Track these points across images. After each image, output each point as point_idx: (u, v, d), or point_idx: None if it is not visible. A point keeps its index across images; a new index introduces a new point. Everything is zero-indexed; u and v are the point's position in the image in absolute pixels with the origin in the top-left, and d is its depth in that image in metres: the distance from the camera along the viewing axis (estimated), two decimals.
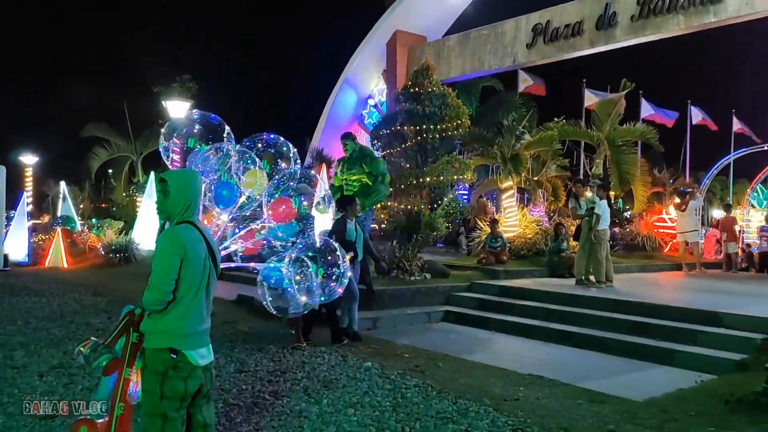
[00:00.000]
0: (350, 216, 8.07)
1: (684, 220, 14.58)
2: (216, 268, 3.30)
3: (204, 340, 3.22)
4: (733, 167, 25.63)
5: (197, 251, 3.14)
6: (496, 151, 15.10)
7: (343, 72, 20.98)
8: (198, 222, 3.28)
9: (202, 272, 3.17)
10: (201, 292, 3.18)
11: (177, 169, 3.77)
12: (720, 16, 13.45)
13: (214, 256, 3.27)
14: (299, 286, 4.26)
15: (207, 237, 3.27)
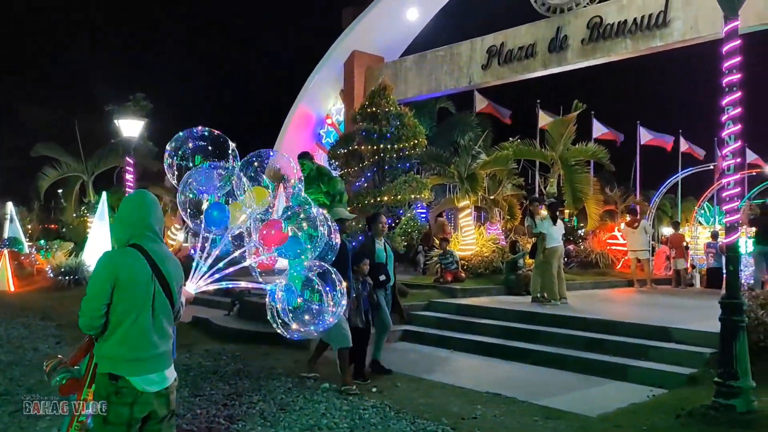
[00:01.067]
0: (378, 235, 7.27)
1: (635, 238, 14.94)
2: (167, 293, 3.21)
3: (154, 365, 3.13)
4: (681, 186, 26.46)
5: (133, 276, 3.08)
6: (453, 170, 15.26)
7: (301, 91, 20.95)
8: (150, 245, 3.21)
9: (141, 297, 3.11)
10: (143, 318, 3.10)
11: (132, 191, 3.69)
12: (666, 40, 13.94)
13: (164, 281, 3.19)
14: (310, 309, 4.17)
15: (157, 261, 3.19)
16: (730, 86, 5.86)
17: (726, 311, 5.66)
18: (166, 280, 3.20)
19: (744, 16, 8.31)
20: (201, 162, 4.40)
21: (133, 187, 14.02)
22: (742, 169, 24.78)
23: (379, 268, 6.93)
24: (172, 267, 3.27)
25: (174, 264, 3.32)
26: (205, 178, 4.25)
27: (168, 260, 3.27)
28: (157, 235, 3.29)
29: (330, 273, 4.23)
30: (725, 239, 5.91)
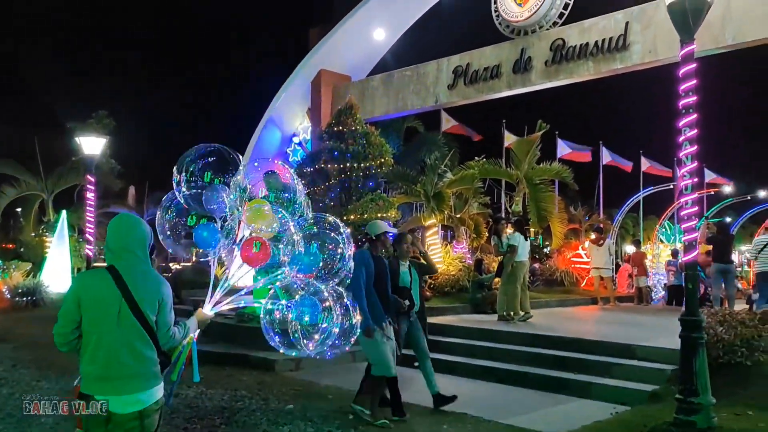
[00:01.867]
0: (402, 256, 6.64)
1: (598, 256, 15.15)
2: (137, 313, 3.16)
3: (123, 386, 3.10)
4: (642, 204, 26.99)
5: (98, 296, 3.13)
6: (420, 189, 15.33)
7: (267, 110, 20.86)
8: (124, 265, 3.21)
9: (105, 317, 3.11)
10: (108, 337, 3.10)
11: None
12: (626, 62, 14.28)
13: (132, 301, 3.15)
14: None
15: (128, 281, 3.17)
16: (686, 108, 6.00)
17: (686, 328, 5.74)
18: (135, 301, 3.17)
19: (700, 40, 8.57)
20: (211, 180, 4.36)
21: (94, 206, 13.75)
22: (700, 189, 25.44)
23: (404, 292, 6.39)
24: (143, 287, 3.22)
25: (150, 286, 3.26)
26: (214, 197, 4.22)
27: (142, 280, 3.23)
28: (136, 255, 3.28)
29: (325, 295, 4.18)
30: (684, 257, 6.01)
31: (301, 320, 4.06)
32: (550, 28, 15.38)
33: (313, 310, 4.09)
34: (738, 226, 30.38)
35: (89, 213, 13.52)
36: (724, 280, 12.00)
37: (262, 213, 4.20)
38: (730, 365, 6.81)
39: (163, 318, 3.28)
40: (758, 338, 6.93)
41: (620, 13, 14.35)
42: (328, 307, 4.10)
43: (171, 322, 3.34)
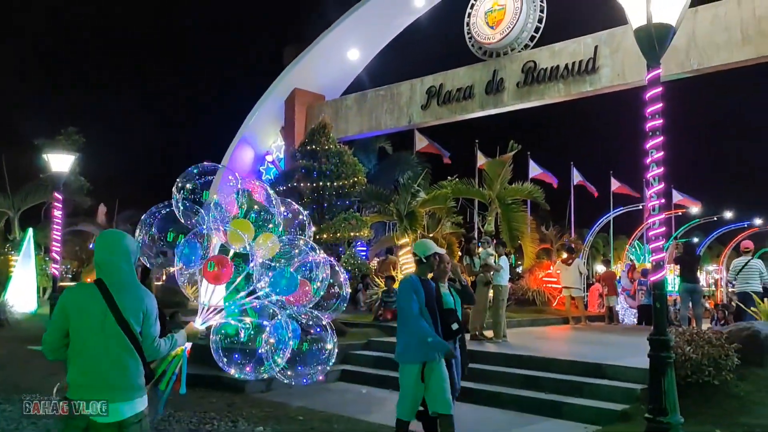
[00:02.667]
0: (442, 278, 5.81)
1: (568, 275, 15.28)
2: (123, 324, 3.27)
3: (104, 395, 3.19)
4: (613, 225, 27.39)
5: (83, 307, 3.25)
6: (393, 208, 15.35)
7: (241, 128, 20.82)
8: (110, 279, 3.34)
9: (90, 327, 3.24)
10: (92, 347, 3.22)
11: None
12: (595, 85, 14.57)
13: (118, 313, 3.27)
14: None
15: (114, 293, 3.30)
16: (653, 130, 6.11)
17: (654, 348, 5.79)
18: (120, 312, 3.28)
19: (666, 64, 8.77)
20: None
21: (61, 224, 13.48)
22: (668, 210, 25.91)
23: (450, 315, 5.56)
24: (130, 301, 3.34)
25: (135, 298, 3.38)
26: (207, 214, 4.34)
27: (126, 292, 3.35)
28: (121, 268, 3.39)
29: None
30: (652, 277, 6.08)
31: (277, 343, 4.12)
32: (522, 51, 15.65)
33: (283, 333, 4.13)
34: (704, 247, 30.99)
35: (56, 231, 13.25)
36: (691, 300, 12.19)
37: (243, 233, 4.30)
38: (698, 384, 6.88)
39: (148, 329, 3.39)
40: (725, 357, 7.01)
41: (590, 37, 14.68)
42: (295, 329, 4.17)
43: (156, 334, 3.44)
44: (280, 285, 4.32)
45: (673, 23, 5.91)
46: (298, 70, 19.91)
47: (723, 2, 12.97)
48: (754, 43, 12.54)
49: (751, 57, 12.72)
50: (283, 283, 4.33)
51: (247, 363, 4.26)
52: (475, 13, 16.33)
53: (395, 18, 19.00)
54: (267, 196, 4.75)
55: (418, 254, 5.59)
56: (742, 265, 11.54)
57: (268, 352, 4.23)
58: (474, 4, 16.45)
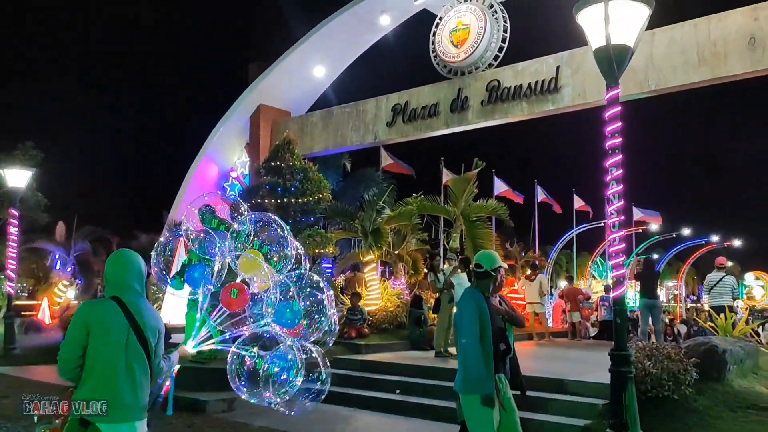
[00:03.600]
0: (495, 292, 5.07)
1: (531, 292, 15.43)
2: (143, 344, 3.33)
3: (124, 415, 3.19)
4: (576, 241, 27.80)
5: (107, 325, 3.26)
6: (358, 225, 15.31)
7: (205, 143, 20.60)
8: (128, 298, 3.38)
9: (114, 345, 3.23)
10: (116, 366, 3.22)
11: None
12: (557, 104, 14.82)
13: (140, 332, 3.32)
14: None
15: (134, 312, 3.33)
16: (612, 149, 6.24)
17: (615, 363, 5.86)
18: (141, 331, 3.33)
19: (625, 85, 8.97)
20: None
21: (17, 241, 13.12)
22: (629, 227, 26.42)
23: (500, 334, 4.87)
24: (148, 319, 3.42)
25: (152, 317, 3.47)
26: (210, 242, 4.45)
27: (146, 313, 3.42)
28: (135, 290, 3.46)
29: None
30: (612, 293, 6.17)
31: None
32: (486, 70, 15.86)
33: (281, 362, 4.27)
34: (664, 263, 31.66)
35: (12, 248, 12.90)
36: (650, 315, 12.41)
37: (255, 264, 4.42)
38: (658, 399, 6.97)
39: (158, 349, 3.48)
40: (684, 372, 7.12)
41: (551, 57, 14.95)
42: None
43: (161, 354, 3.54)
44: (285, 317, 4.43)
45: (631, 45, 6.07)
46: (263, 86, 19.84)
47: (679, 25, 13.36)
48: (710, 65, 12.92)
49: (707, 78, 13.10)
50: (287, 315, 4.41)
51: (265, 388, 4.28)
52: (440, 32, 16.52)
53: (361, 35, 19.10)
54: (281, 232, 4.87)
55: (485, 266, 4.82)
56: (717, 280, 11.91)
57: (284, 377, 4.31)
58: (439, 23, 16.65)
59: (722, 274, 12.09)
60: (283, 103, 20.33)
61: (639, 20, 6.04)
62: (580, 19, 6.26)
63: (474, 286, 4.83)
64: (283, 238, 4.77)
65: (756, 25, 12.41)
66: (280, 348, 4.32)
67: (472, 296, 4.68)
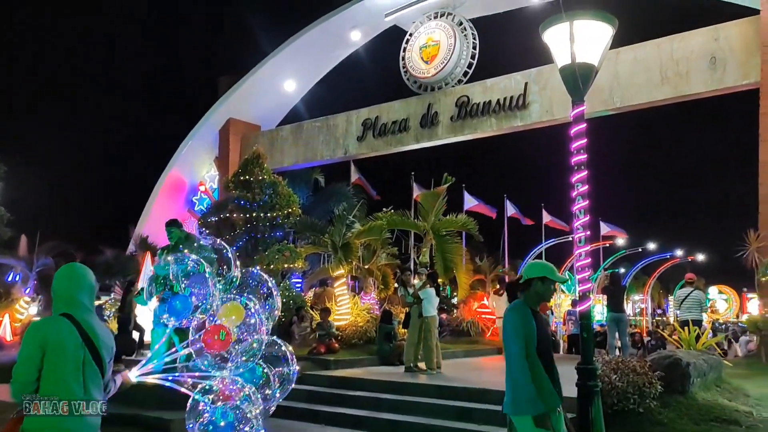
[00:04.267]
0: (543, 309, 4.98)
1: (500, 306, 15.50)
2: (98, 362, 3.24)
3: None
4: (545, 256, 28.04)
5: (62, 341, 3.14)
6: (328, 239, 15.25)
7: (173, 157, 20.42)
8: (82, 316, 3.27)
9: (71, 364, 3.14)
10: (73, 385, 3.12)
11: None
12: (525, 120, 15.04)
13: (95, 350, 3.22)
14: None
15: (87, 330, 3.23)
16: (578, 165, 6.31)
17: (581, 377, 5.90)
18: (97, 350, 3.23)
19: (591, 102, 9.14)
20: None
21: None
22: (596, 241, 26.78)
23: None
24: (103, 337, 3.32)
25: (105, 335, 3.37)
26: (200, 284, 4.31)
27: (99, 331, 3.32)
28: (86, 307, 3.35)
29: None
30: (579, 307, 6.23)
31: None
32: (456, 86, 16.04)
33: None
34: (631, 277, 32.15)
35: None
36: (617, 329, 12.55)
37: (239, 312, 4.35)
38: (624, 412, 7.03)
39: (110, 368, 3.39)
40: (649, 385, 7.20)
41: (520, 74, 15.19)
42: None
43: (110, 374, 3.43)
44: (244, 376, 4.38)
45: (596, 63, 6.17)
46: (233, 100, 19.77)
47: (643, 44, 13.69)
48: (673, 84, 13.25)
49: (670, 96, 13.44)
50: (246, 376, 4.38)
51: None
52: (410, 48, 16.66)
53: (332, 50, 19.18)
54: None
55: (525, 275, 4.43)
56: (686, 295, 12.14)
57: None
58: (409, 39, 16.80)
59: (691, 289, 12.33)
60: (253, 117, 20.28)
61: (603, 39, 6.15)
62: (546, 37, 6.35)
63: (520, 300, 4.42)
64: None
65: (716, 45, 12.78)
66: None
67: (517, 310, 4.30)
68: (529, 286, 4.35)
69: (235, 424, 4.20)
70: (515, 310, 4.31)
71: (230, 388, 4.26)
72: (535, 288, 4.33)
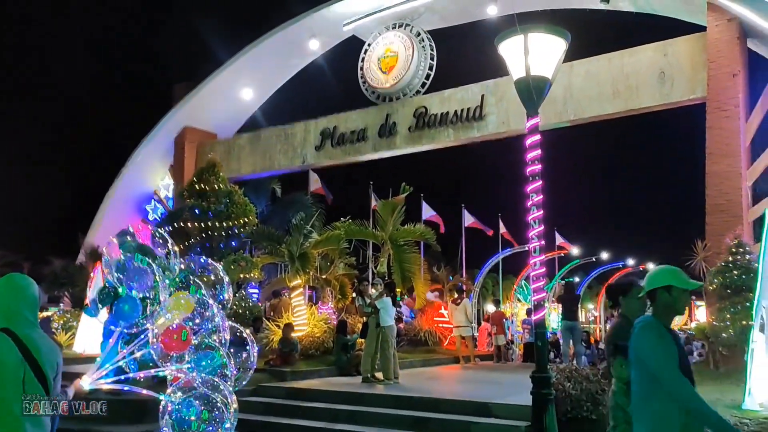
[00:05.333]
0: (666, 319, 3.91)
1: (458, 316, 15.60)
2: (40, 379, 3.04)
3: None
4: (502, 265, 28.34)
5: (2, 362, 2.98)
6: (285, 249, 15.11)
7: (126, 164, 19.97)
8: (23, 331, 3.08)
9: (10, 382, 2.96)
10: (13, 409, 2.94)
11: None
12: (482, 131, 15.22)
13: (37, 366, 3.03)
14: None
15: (29, 345, 3.04)
16: (532, 175, 6.41)
17: (536, 385, 5.97)
18: (39, 366, 3.05)
19: (545, 114, 9.31)
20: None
21: None
22: (551, 251, 27.23)
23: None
24: (46, 353, 3.12)
25: (49, 350, 3.17)
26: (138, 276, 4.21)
27: (42, 346, 3.13)
28: (28, 320, 3.17)
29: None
30: (533, 316, 6.31)
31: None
32: (414, 96, 16.14)
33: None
34: (585, 286, 32.75)
35: None
36: (571, 337, 12.77)
37: (189, 306, 4.28)
38: (577, 419, 7.14)
39: (57, 384, 3.20)
40: (601, 393, 7.32)
41: (477, 85, 15.38)
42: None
43: (59, 389, 3.25)
44: (202, 365, 4.32)
45: (550, 76, 6.29)
46: (188, 108, 19.48)
47: (595, 58, 14.02)
48: (623, 97, 13.59)
49: (621, 110, 13.78)
50: (204, 364, 4.31)
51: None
52: (368, 58, 16.71)
53: (290, 59, 19.09)
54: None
55: (647, 286, 3.63)
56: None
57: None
58: (367, 49, 16.86)
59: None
60: (210, 125, 20.02)
61: (557, 53, 6.28)
62: (502, 50, 6.45)
63: (650, 316, 3.60)
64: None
65: (665, 60, 13.18)
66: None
67: (651, 329, 3.48)
68: (655, 299, 3.57)
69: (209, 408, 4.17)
70: (650, 330, 3.48)
71: (193, 378, 4.22)
72: (662, 300, 3.54)
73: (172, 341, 4.11)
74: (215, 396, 4.20)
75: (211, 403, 4.18)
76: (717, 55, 12.47)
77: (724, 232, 11.65)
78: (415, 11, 16.40)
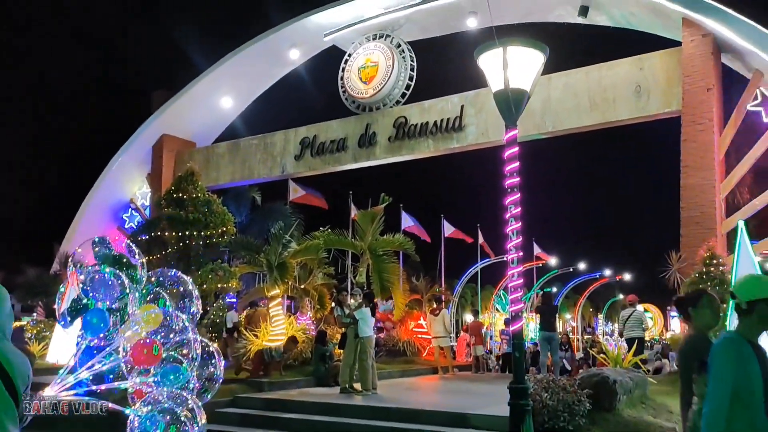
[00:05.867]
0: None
1: (436, 326, 15.61)
2: (11, 392, 2.89)
3: None
4: (480, 276, 28.49)
5: None
6: (263, 259, 15.01)
7: (103, 173, 19.74)
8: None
9: None
10: None
11: None
12: (462, 142, 15.30)
13: (8, 379, 2.87)
14: None
15: (3, 362, 2.89)
16: (511, 187, 6.45)
17: (513, 396, 5.97)
18: (11, 380, 2.89)
19: (524, 126, 9.37)
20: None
21: None
22: (529, 261, 27.42)
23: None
24: (18, 366, 2.97)
25: (20, 362, 3.01)
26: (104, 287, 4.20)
27: (13, 358, 2.97)
28: (1, 332, 3.03)
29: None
30: (511, 327, 6.33)
31: None
32: (394, 106, 16.19)
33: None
34: (563, 296, 33.03)
35: None
36: (549, 348, 12.84)
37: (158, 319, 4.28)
38: (554, 430, 7.15)
39: (26, 396, 3.09)
40: (578, 403, 7.36)
41: (456, 96, 15.48)
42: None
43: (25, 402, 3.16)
44: (168, 379, 4.24)
45: (528, 88, 6.34)
46: (167, 116, 19.33)
47: (573, 71, 14.19)
48: (601, 110, 13.77)
49: (598, 122, 13.95)
50: (171, 378, 4.24)
51: None
52: (348, 68, 16.75)
53: (270, 68, 19.05)
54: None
55: (741, 297, 3.21)
56: (628, 315, 12.77)
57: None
58: (348, 59, 16.89)
59: (633, 309, 13.03)
60: (188, 134, 19.88)
61: (535, 66, 6.33)
62: (481, 62, 6.49)
63: (734, 332, 3.24)
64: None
65: (641, 74, 13.38)
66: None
67: (730, 345, 3.14)
68: (751, 311, 3.14)
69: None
70: (729, 345, 3.11)
71: (157, 392, 4.18)
72: (759, 312, 3.12)
73: (141, 355, 4.06)
74: (181, 410, 4.15)
75: (177, 416, 4.13)
76: (692, 69, 12.69)
77: (698, 243, 11.82)
78: (395, 22, 16.49)
